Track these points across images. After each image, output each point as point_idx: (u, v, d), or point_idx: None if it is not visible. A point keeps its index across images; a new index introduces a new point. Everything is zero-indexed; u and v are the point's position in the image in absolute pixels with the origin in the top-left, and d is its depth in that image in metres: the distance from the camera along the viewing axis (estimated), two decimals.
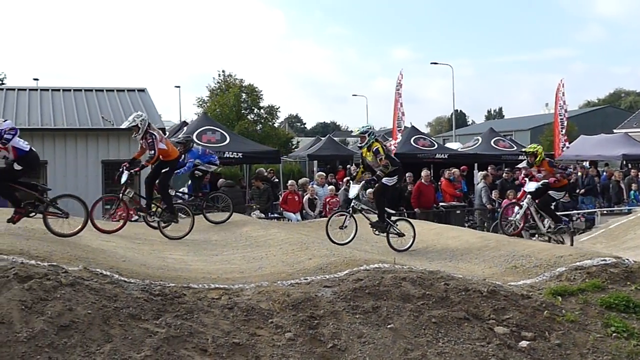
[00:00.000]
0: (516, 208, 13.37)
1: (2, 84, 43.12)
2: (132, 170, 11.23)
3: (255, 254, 10.24)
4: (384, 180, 11.56)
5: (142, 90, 23.03)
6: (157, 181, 11.55)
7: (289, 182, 19.75)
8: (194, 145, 13.55)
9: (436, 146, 29.12)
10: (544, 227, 13.27)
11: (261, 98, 50.57)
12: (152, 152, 11.14)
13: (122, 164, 11.45)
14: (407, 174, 19.53)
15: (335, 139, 42.42)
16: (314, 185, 19.89)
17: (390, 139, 30.72)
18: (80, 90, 22.49)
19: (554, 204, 13.63)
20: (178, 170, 12.60)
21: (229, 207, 13.66)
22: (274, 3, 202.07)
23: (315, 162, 36.55)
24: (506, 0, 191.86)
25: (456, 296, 7.95)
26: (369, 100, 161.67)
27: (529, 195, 13.09)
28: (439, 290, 8.02)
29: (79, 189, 19.03)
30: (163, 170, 11.50)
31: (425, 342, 7.17)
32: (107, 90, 22.63)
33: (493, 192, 20.00)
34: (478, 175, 22.39)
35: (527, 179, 13.48)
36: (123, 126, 11.31)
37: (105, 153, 19.67)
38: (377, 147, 11.62)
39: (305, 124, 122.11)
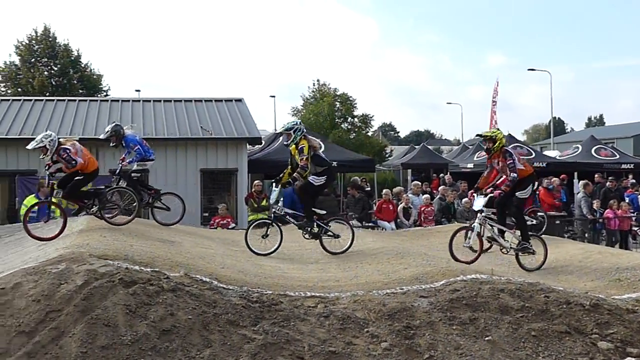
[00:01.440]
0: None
1: (107, 95, 44.85)
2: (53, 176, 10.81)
3: (350, 263, 10.24)
4: (311, 178, 11.03)
5: (239, 100, 23.46)
6: (69, 184, 10.88)
7: (384, 191, 19.67)
8: (126, 131, 12.45)
9: (534, 154, 28.43)
10: (507, 242, 10.92)
11: (355, 107, 50.55)
12: (74, 162, 10.68)
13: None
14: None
15: (429, 147, 41.98)
16: (409, 194, 19.76)
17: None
18: (180, 100, 23.13)
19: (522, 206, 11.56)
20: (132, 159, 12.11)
21: (178, 211, 12.64)
22: (366, 11, 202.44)
23: (409, 170, 36.29)
24: (607, 2, 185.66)
25: (557, 309, 7.73)
26: (463, 108, 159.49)
27: (480, 214, 10.61)
28: (539, 302, 7.82)
29: None
30: (76, 178, 10.96)
31: (525, 356, 7.01)
32: (205, 101, 23.18)
33: (594, 202, 19.34)
34: (578, 184, 21.70)
35: (475, 194, 10.98)
36: (29, 147, 10.84)
37: (204, 162, 20.12)
38: (303, 146, 11.01)
39: (398, 132, 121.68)
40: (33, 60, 45.02)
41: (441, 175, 31.35)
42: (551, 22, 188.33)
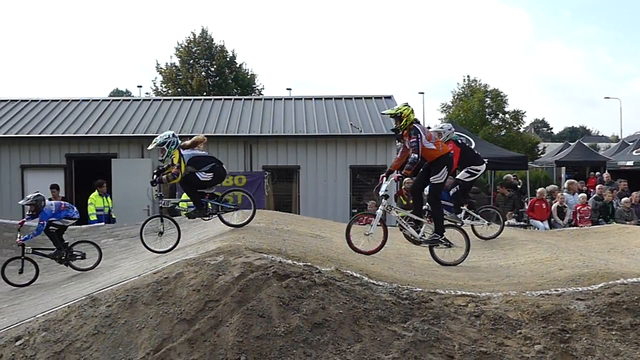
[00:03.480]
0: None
1: (260, 94, 46.27)
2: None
3: (502, 262, 10.03)
4: (198, 174, 10.40)
5: (388, 97, 23.54)
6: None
7: (539, 190, 19.09)
8: (45, 203, 12.14)
9: None
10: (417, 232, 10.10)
11: (506, 102, 49.44)
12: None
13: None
14: None
15: (585, 144, 40.22)
16: (564, 193, 19.07)
17: None
18: (331, 98, 23.52)
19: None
20: (27, 236, 11.96)
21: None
22: (517, 4, 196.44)
23: (564, 168, 34.92)
24: None
25: None
26: (622, 103, 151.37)
27: (383, 200, 9.83)
28: None
29: (328, 193, 19.95)
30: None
31: None
32: (355, 98, 23.44)
33: None
34: None
35: (385, 178, 10.04)
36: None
37: (353, 159, 20.35)
38: (174, 156, 10.39)
39: (552, 128, 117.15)
40: (192, 61, 47.17)
41: (597, 173, 29.99)
42: None
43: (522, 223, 18.39)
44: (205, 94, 40.29)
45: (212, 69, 47.36)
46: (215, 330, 6.79)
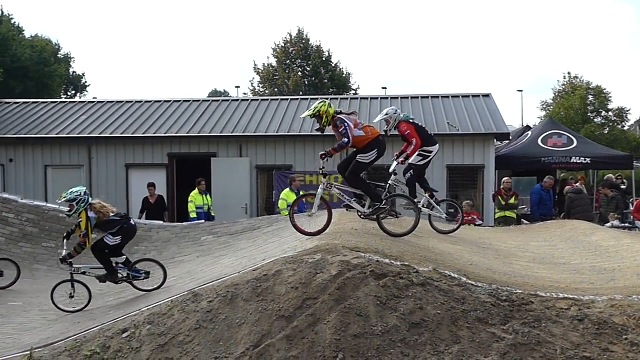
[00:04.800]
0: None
1: (356, 93, 46.40)
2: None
3: (607, 265, 9.70)
4: (105, 238, 10.35)
5: (486, 96, 23.19)
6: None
7: None
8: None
9: None
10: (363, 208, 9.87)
11: (609, 100, 47.78)
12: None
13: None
14: None
15: None
16: None
17: None
18: (427, 97, 23.35)
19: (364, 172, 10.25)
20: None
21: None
22: None
23: None
24: None
25: None
26: None
27: (323, 179, 9.70)
28: None
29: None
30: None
31: None
32: (452, 97, 23.19)
33: None
34: None
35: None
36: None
37: (450, 158, 20.14)
38: (81, 220, 10.26)
39: None
40: (288, 61, 47.84)
41: None
42: None
43: (626, 225, 17.72)
44: (301, 93, 40.81)
45: (308, 69, 47.85)
46: (313, 327, 6.86)
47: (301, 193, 15.53)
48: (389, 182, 10.73)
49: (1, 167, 21.83)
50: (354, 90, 48.76)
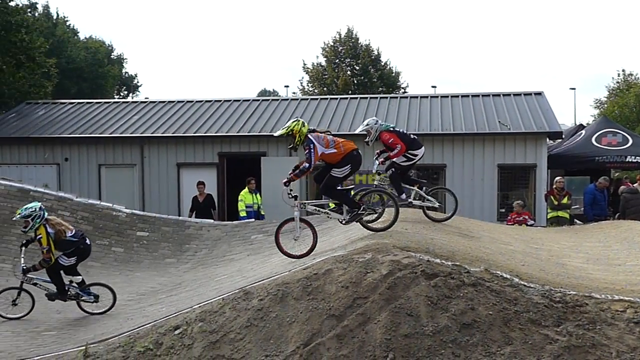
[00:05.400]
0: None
1: (405, 92, 46.20)
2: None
3: None
4: (60, 259, 10.35)
5: (538, 94, 22.86)
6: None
7: None
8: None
9: None
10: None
11: None
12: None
13: None
14: None
15: None
16: None
17: None
18: (478, 95, 23.13)
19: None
20: None
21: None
22: None
23: None
24: None
25: None
26: None
27: (294, 201, 9.70)
28: None
29: (475, 191, 19.65)
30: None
31: None
32: (503, 95, 22.93)
33: None
34: None
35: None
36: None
37: (501, 157, 19.90)
38: (40, 236, 10.18)
39: None
40: (337, 60, 47.78)
41: None
42: None
43: None
44: (350, 92, 40.72)
45: (357, 68, 47.73)
46: (364, 327, 6.86)
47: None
48: (375, 182, 11.10)
49: (57, 165, 22.28)
50: (403, 88, 48.50)
